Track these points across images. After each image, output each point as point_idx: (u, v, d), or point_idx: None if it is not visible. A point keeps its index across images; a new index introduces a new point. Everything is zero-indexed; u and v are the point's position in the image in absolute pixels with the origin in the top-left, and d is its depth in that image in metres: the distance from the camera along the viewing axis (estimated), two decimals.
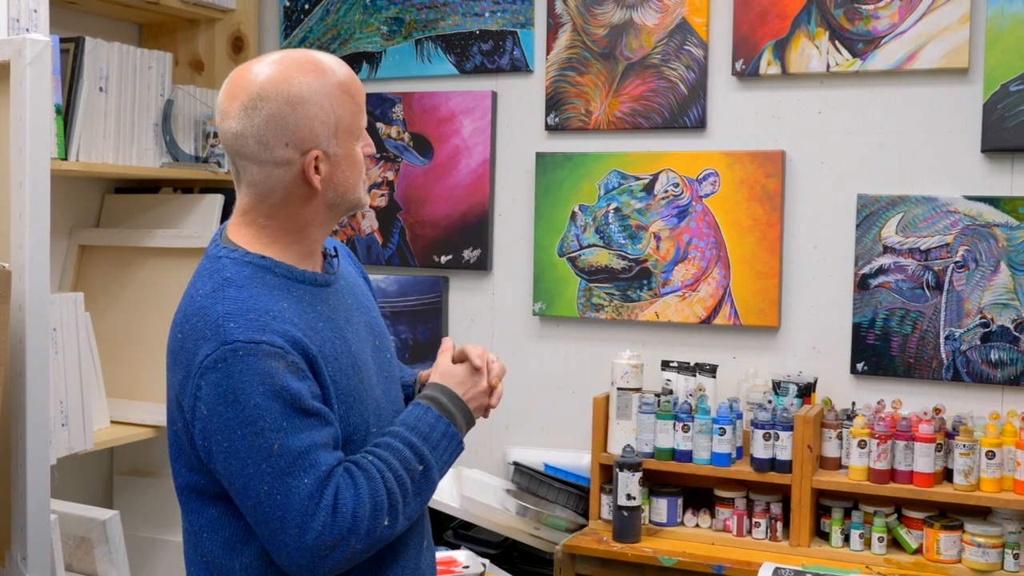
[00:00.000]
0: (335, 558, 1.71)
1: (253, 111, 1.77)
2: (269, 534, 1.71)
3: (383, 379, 1.94)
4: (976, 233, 3.09)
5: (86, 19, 3.53)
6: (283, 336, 1.71)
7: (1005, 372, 3.06)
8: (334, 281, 1.91)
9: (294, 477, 1.68)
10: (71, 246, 3.53)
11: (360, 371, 1.85)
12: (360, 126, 1.86)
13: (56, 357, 2.85)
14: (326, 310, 1.85)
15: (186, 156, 3.50)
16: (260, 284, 1.78)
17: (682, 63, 3.41)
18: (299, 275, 1.83)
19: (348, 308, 1.92)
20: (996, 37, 3.04)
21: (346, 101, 1.82)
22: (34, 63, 2.35)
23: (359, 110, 1.85)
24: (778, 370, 3.33)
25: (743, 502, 3.18)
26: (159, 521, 3.49)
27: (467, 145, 3.68)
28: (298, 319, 1.76)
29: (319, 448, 1.71)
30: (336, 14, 3.86)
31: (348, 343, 1.85)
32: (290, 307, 1.77)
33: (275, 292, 1.78)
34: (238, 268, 1.80)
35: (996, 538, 2.89)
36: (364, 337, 1.92)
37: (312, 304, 1.82)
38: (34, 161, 2.36)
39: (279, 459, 1.68)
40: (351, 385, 1.82)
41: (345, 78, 1.83)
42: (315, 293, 1.85)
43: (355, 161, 1.85)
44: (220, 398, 1.69)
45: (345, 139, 1.82)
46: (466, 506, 3.31)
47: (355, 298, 1.96)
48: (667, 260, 3.42)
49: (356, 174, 1.86)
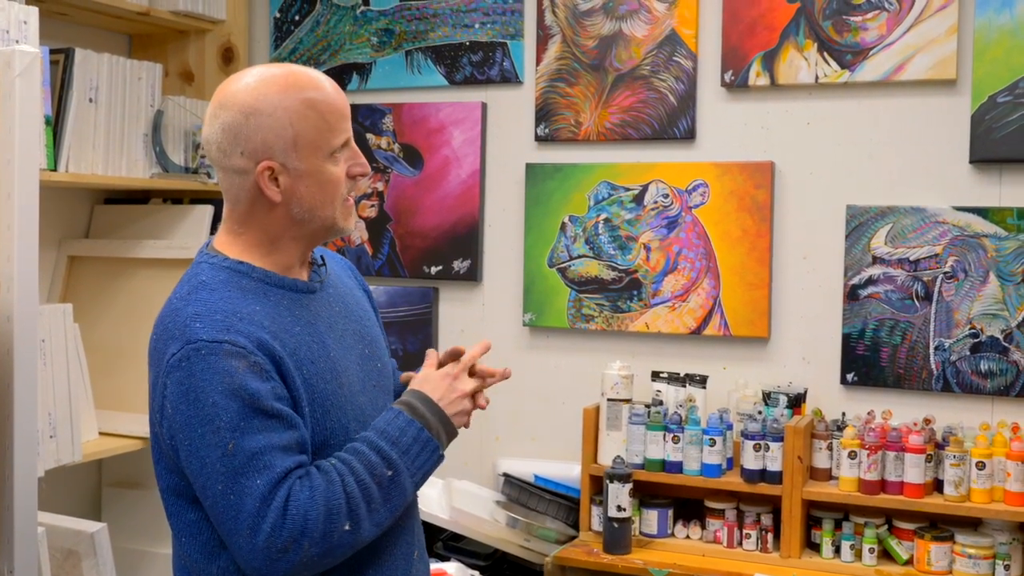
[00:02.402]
0: (289, 561, 1.69)
1: (214, 118, 1.83)
2: (226, 535, 1.72)
3: (370, 387, 1.93)
4: (965, 244, 3.09)
5: (76, 30, 3.53)
6: (247, 337, 1.72)
7: (995, 382, 3.07)
8: (319, 289, 1.91)
9: (247, 477, 1.68)
10: (60, 257, 3.52)
11: (340, 376, 1.85)
12: (330, 143, 1.83)
13: (44, 368, 2.84)
14: (306, 315, 1.85)
15: (176, 167, 3.50)
16: (233, 288, 1.80)
17: (671, 74, 3.42)
18: (277, 280, 1.85)
19: (334, 315, 1.92)
20: (983, 48, 3.05)
21: (311, 116, 1.81)
22: (24, 74, 2.35)
23: (328, 128, 1.82)
24: (768, 381, 3.33)
25: (733, 513, 3.17)
26: (148, 533, 3.47)
27: (457, 156, 3.68)
28: (269, 322, 1.77)
29: (276, 450, 1.70)
30: (326, 25, 3.86)
31: (328, 348, 1.85)
32: (263, 310, 1.78)
33: (248, 296, 1.80)
34: (214, 272, 1.82)
35: (987, 549, 2.89)
36: (350, 344, 1.92)
37: (290, 309, 1.83)
38: (23, 172, 2.35)
39: (233, 459, 1.68)
40: (329, 389, 1.82)
41: (316, 94, 1.82)
42: (294, 299, 1.85)
43: (323, 179, 1.83)
44: (183, 396, 1.71)
45: (308, 155, 1.81)
46: (456, 518, 3.30)
47: (345, 307, 1.96)
48: (657, 271, 3.43)
49: (324, 193, 1.84)
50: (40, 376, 2.65)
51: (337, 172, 1.85)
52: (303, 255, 1.91)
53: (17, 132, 2.34)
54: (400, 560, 1.92)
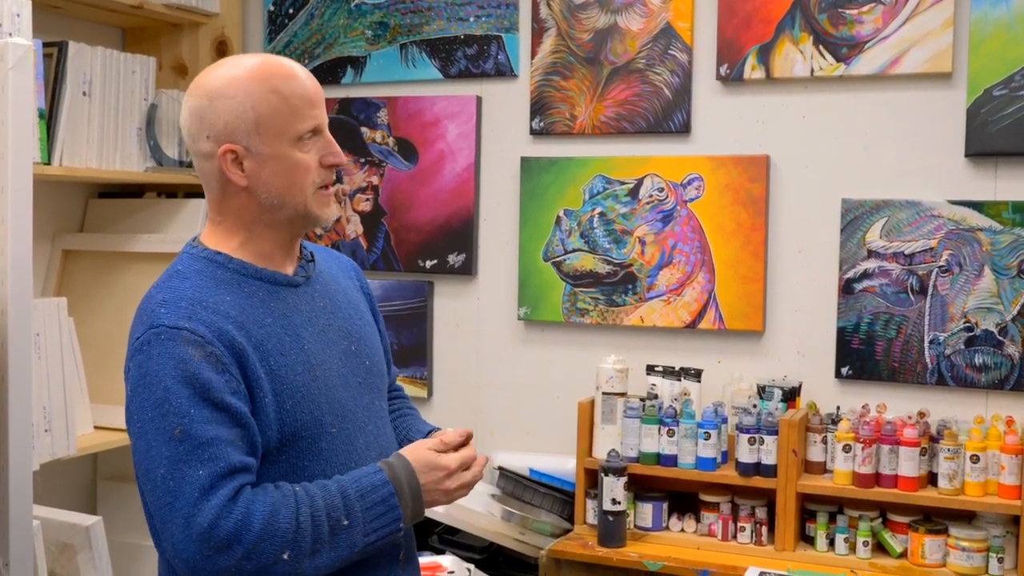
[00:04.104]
0: (217, 564, 1.66)
1: (185, 104, 1.87)
2: (160, 522, 1.70)
3: (354, 384, 1.93)
4: (960, 237, 3.10)
5: (69, 23, 3.52)
6: (208, 326, 1.74)
7: (989, 376, 3.07)
8: (301, 283, 1.92)
9: (190, 466, 1.67)
10: (54, 251, 3.51)
11: (314, 369, 1.85)
12: (295, 129, 1.83)
13: (39, 362, 2.84)
14: (281, 307, 1.86)
15: (170, 160, 3.49)
16: (206, 277, 1.82)
17: (667, 68, 3.42)
18: (253, 272, 1.86)
19: (316, 310, 1.92)
20: (979, 42, 3.05)
21: (273, 100, 1.82)
22: (17, 67, 2.34)
23: (292, 112, 1.83)
24: (763, 374, 3.33)
25: (728, 506, 3.18)
26: (143, 527, 3.44)
27: (452, 150, 3.68)
28: (237, 312, 1.79)
29: (223, 443, 1.69)
30: (321, 18, 3.86)
31: (302, 341, 1.85)
32: (233, 300, 1.80)
33: (221, 286, 1.81)
34: (191, 261, 1.86)
35: (981, 542, 2.90)
36: (333, 340, 1.92)
37: (264, 300, 1.84)
38: (17, 165, 2.34)
39: (179, 445, 1.68)
40: (299, 381, 1.81)
41: (281, 80, 1.83)
42: (270, 291, 1.86)
43: (288, 164, 1.83)
44: (140, 379, 1.73)
45: (271, 139, 1.82)
46: (451, 511, 3.30)
47: (332, 303, 1.96)
48: (652, 265, 3.43)
49: (290, 178, 1.84)
50: (35, 370, 2.65)
51: (304, 159, 1.84)
52: (284, 245, 1.91)
53: (10, 125, 2.33)
54: (383, 559, 1.91)
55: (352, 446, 1.89)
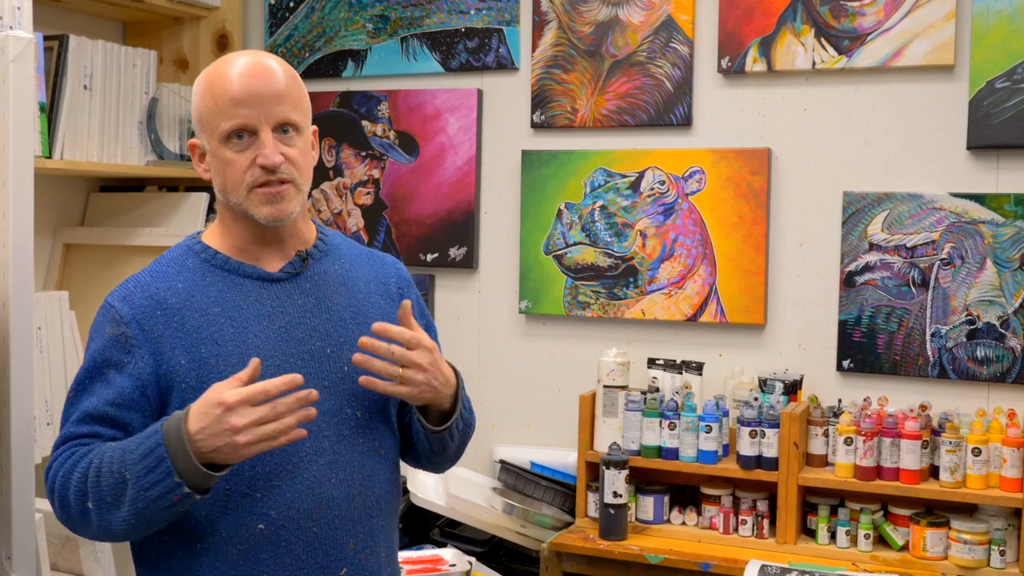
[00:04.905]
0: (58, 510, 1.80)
1: None
2: None
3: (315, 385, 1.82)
4: (962, 230, 3.09)
5: (70, 17, 3.51)
6: (134, 308, 1.83)
7: (991, 369, 3.07)
8: (282, 278, 1.92)
9: (63, 426, 1.84)
10: (56, 244, 3.51)
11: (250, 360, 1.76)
12: (219, 126, 1.83)
13: (41, 356, 2.84)
14: (236, 299, 1.87)
15: (171, 154, 3.49)
16: (174, 264, 1.91)
17: (668, 60, 3.41)
18: (220, 262, 1.90)
19: (287, 307, 1.90)
20: (982, 34, 3.05)
21: (206, 97, 1.86)
22: (17, 60, 2.34)
23: (217, 110, 1.84)
24: (764, 367, 3.33)
25: (729, 499, 3.18)
26: None
27: (453, 143, 3.68)
28: (179, 299, 1.85)
29: (88, 414, 1.81)
30: (321, 12, 3.85)
31: (247, 334, 1.84)
32: (184, 288, 1.86)
33: (183, 273, 1.88)
34: (174, 249, 1.95)
35: (982, 535, 2.90)
36: (298, 338, 1.88)
37: (220, 291, 1.87)
38: (18, 159, 2.34)
39: (68, 406, 1.85)
40: (228, 373, 1.75)
41: (215, 79, 1.85)
42: (233, 282, 1.89)
43: (218, 161, 1.86)
44: None
45: (208, 135, 1.87)
46: (452, 504, 3.30)
47: (317, 303, 1.93)
48: (653, 258, 3.42)
49: (225, 176, 1.86)
50: (36, 363, 2.64)
51: (231, 157, 1.84)
52: (257, 240, 1.91)
53: (11, 119, 2.33)
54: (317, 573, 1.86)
55: (295, 448, 1.83)
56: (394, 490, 2.00)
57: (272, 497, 1.82)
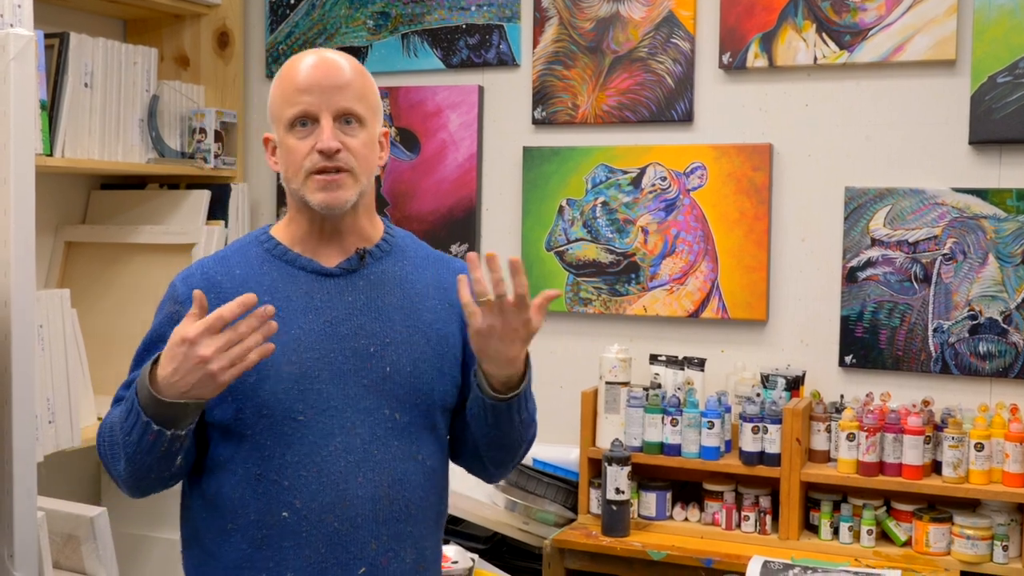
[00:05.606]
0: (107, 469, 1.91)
1: None
2: None
3: (354, 383, 1.89)
4: (964, 225, 3.09)
5: (71, 15, 3.51)
6: (190, 289, 1.87)
7: (993, 364, 3.07)
8: (337, 274, 1.95)
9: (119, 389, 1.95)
10: (57, 243, 3.51)
11: (292, 354, 1.88)
12: (285, 114, 1.92)
13: (42, 354, 2.84)
14: (287, 290, 1.93)
15: (172, 152, 3.49)
16: (238, 252, 1.99)
17: (669, 56, 3.41)
18: (280, 253, 1.97)
19: (337, 303, 1.93)
20: (983, 28, 3.04)
21: (276, 90, 1.95)
22: (18, 58, 2.34)
23: (284, 99, 1.92)
24: (766, 363, 3.33)
25: (732, 495, 3.18)
26: (147, 518, 3.48)
27: (454, 140, 3.67)
28: (235, 285, 1.91)
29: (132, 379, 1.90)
30: (322, 9, 3.85)
31: (292, 325, 1.89)
32: (242, 274, 1.94)
33: (245, 261, 1.96)
34: (242, 238, 2.05)
35: (985, 530, 2.90)
36: (343, 334, 1.91)
37: (274, 281, 1.93)
38: (19, 157, 2.34)
39: (128, 373, 1.95)
40: (270, 361, 1.81)
41: (286, 70, 1.95)
42: (288, 273, 1.95)
43: (286, 148, 1.93)
44: None
45: (276, 125, 1.95)
46: (455, 501, 3.29)
47: (369, 302, 1.95)
48: (655, 254, 3.42)
49: (288, 163, 1.93)
50: (38, 362, 2.64)
51: (293, 143, 1.91)
52: (318, 232, 1.97)
53: (12, 116, 2.33)
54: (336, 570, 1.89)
55: (324, 442, 1.87)
56: (431, 498, 1.99)
57: (298, 487, 1.87)
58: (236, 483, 1.88)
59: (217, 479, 1.91)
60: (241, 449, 1.88)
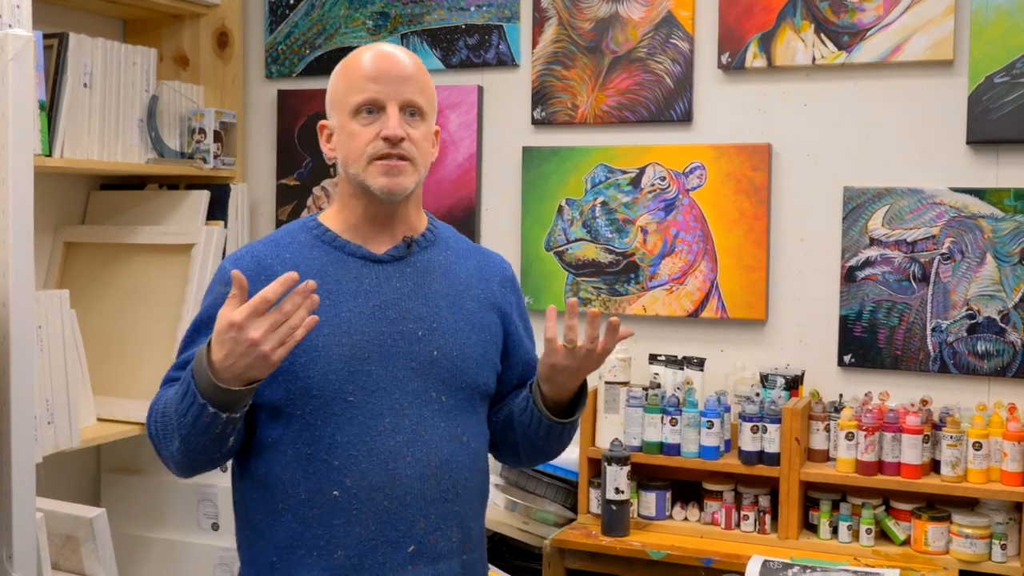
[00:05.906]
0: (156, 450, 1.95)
1: None
2: None
3: (403, 366, 1.95)
4: (962, 225, 3.09)
5: (70, 15, 3.51)
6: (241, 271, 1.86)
7: (992, 363, 3.07)
8: (386, 260, 2.00)
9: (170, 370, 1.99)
10: (56, 243, 3.51)
11: (343, 336, 1.93)
12: (349, 100, 1.96)
13: (41, 355, 2.84)
14: (336, 275, 1.97)
15: (171, 152, 3.49)
16: (288, 237, 2.03)
17: (668, 56, 3.41)
18: (330, 239, 2.01)
19: (386, 288, 1.99)
20: (981, 29, 3.05)
21: (339, 76, 2.01)
22: (17, 58, 2.34)
23: (349, 86, 1.97)
24: (765, 363, 3.33)
25: (731, 495, 3.18)
26: (146, 519, 3.48)
27: (453, 140, 3.68)
28: (284, 269, 1.90)
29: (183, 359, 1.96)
30: (321, 9, 3.85)
31: (340, 308, 1.94)
32: (292, 258, 1.97)
33: (294, 246, 2.00)
34: (291, 224, 2.08)
35: (984, 529, 2.90)
36: (391, 318, 1.97)
37: (324, 265, 1.97)
38: (18, 157, 2.34)
39: (177, 355, 2.01)
40: (320, 343, 1.91)
41: (352, 60, 2.00)
42: (337, 259, 1.99)
43: (345, 134, 1.97)
44: None
45: (338, 111, 1.99)
46: None
47: (416, 287, 2.01)
48: (654, 254, 3.42)
49: (349, 148, 1.97)
50: (37, 362, 2.65)
51: (357, 129, 1.96)
52: (371, 219, 2.01)
53: (11, 117, 2.33)
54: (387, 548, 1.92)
55: (374, 422, 1.92)
56: (476, 479, 2.05)
57: (348, 466, 1.91)
58: (287, 463, 1.92)
59: (267, 460, 1.94)
60: (290, 429, 1.92)
